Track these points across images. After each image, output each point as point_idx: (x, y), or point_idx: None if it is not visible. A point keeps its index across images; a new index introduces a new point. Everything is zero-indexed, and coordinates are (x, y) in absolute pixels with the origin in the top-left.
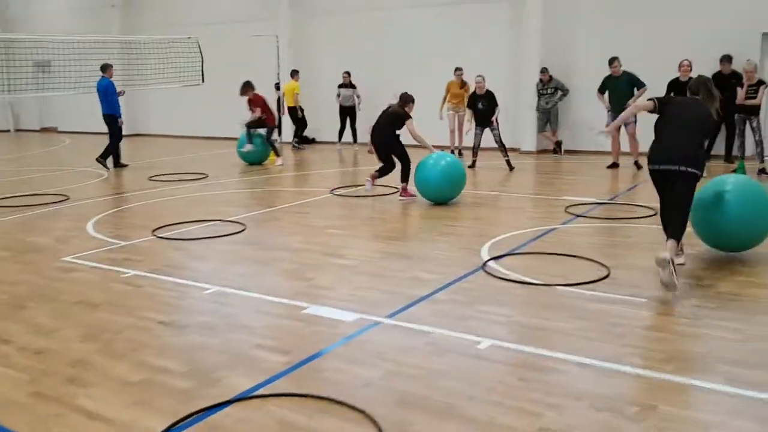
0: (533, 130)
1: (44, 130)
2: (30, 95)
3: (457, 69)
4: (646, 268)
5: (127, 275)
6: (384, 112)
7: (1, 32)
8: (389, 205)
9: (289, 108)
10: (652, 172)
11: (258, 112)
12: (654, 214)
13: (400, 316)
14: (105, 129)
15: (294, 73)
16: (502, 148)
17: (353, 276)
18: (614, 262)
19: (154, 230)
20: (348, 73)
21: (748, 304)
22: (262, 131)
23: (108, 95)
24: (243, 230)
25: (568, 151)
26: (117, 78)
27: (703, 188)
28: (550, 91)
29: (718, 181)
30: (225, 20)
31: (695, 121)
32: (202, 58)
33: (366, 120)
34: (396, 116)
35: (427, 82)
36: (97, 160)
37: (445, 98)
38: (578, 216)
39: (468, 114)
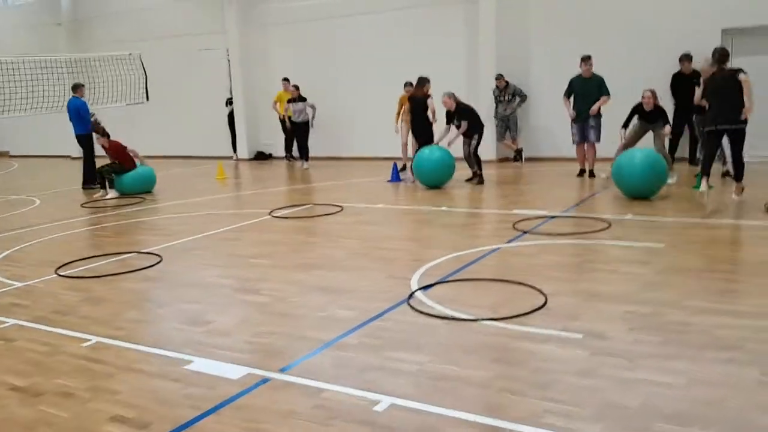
0: (492, 139)
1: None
2: None
3: (407, 84)
4: (589, 293)
5: (4, 326)
6: (411, 100)
7: None
8: (328, 227)
9: (281, 119)
10: None
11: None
12: (608, 227)
13: (296, 369)
14: (62, 151)
15: (285, 81)
16: (473, 161)
17: (260, 317)
18: (554, 287)
19: (59, 267)
20: (296, 87)
21: (697, 337)
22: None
23: (81, 115)
24: (158, 263)
25: (529, 159)
26: (61, 97)
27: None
28: (508, 97)
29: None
30: (174, 34)
31: None
32: (145, 74)
33: (324, 135)
34: (421, 101)
35: (382, 90)
36: (84, 188)
37: (398, 112)
38: (526, 232)
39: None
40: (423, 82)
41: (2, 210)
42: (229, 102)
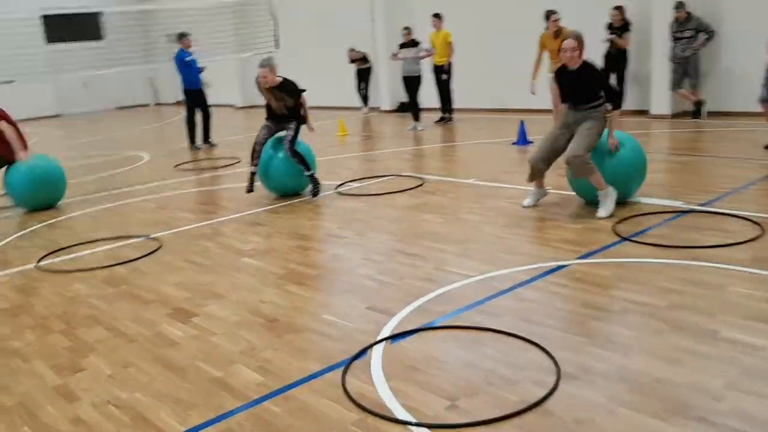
0: (666, 86)
1: (178, 103)
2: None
3: (551, 13)
4: (626, 371)
5: None
6: None
7: (138, 3)
8: (372, 211)
9: (436, 66)
10: None
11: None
12: (760, 235)
13: None
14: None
15: (436, 17)
16: None
17: (153, 372)
18: (585, 353)
19: (43, 257)
20: (408, 29)
21: None
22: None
23: (187, 68)
24: (136, 259)
25: (712, 114)
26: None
27: None
28: (690, 34)
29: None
30: None
31: None
32: (275, 20)
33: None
34: None
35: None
36: (205, 142)
37: (539, 59)
38: (626, 239)
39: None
40: None
41: (113, 166)
42: (363, 60)
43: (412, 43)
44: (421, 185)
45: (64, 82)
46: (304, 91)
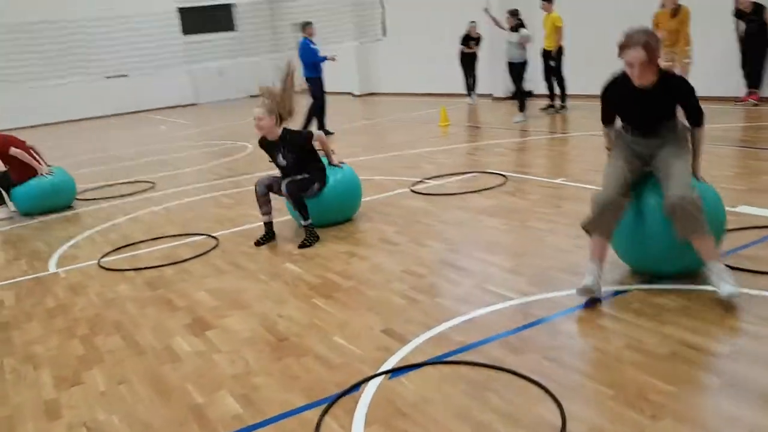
0: None
1: (303, 90)
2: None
3: None
4: None
5: None
6: None
7: None
8: (438, 213)
9: (545, 51)
10: None
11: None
12: None
13: None
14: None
15: (546, 1)
16: None
17: (142, 392)
18: (609, 414)
19: (107, 254)
20: (514, 12)
21: None
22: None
23: (306, 56)
24: (186, 260)
25: None
26: None
27: None
28: None
29: None
30: None
31: None
32: (383, 8)
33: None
34: None
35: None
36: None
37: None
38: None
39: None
40: None
41: (205, 160)
42: (470, 40)
43: (519, 26)
44: (502, 184)
45: (200, 71)
46: (311, 134)
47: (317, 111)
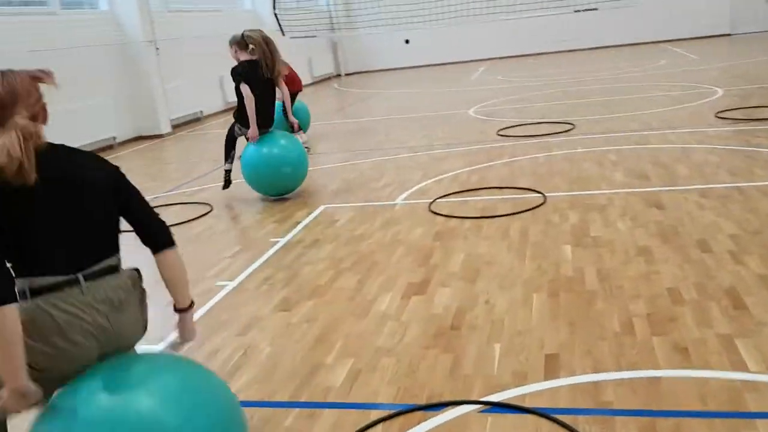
0: None
1: None
2: None
3: None
4: None
5: None
6: None
7: None
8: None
9: None
10: None
11: None
12: None
13: None
14: None
15: None
16: None
17: None
18: None
19: (438, 198)
20: None
21: None
22: None
23: None
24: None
25: None
26: None
27: None
28: None
29: None
30: None
31: None
32: None
33: None
34: None
35: None
36: None
37: None
38: None
39: None
40: None
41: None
42: None
43: None
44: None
45: None
46: (240, 80)
47: None
